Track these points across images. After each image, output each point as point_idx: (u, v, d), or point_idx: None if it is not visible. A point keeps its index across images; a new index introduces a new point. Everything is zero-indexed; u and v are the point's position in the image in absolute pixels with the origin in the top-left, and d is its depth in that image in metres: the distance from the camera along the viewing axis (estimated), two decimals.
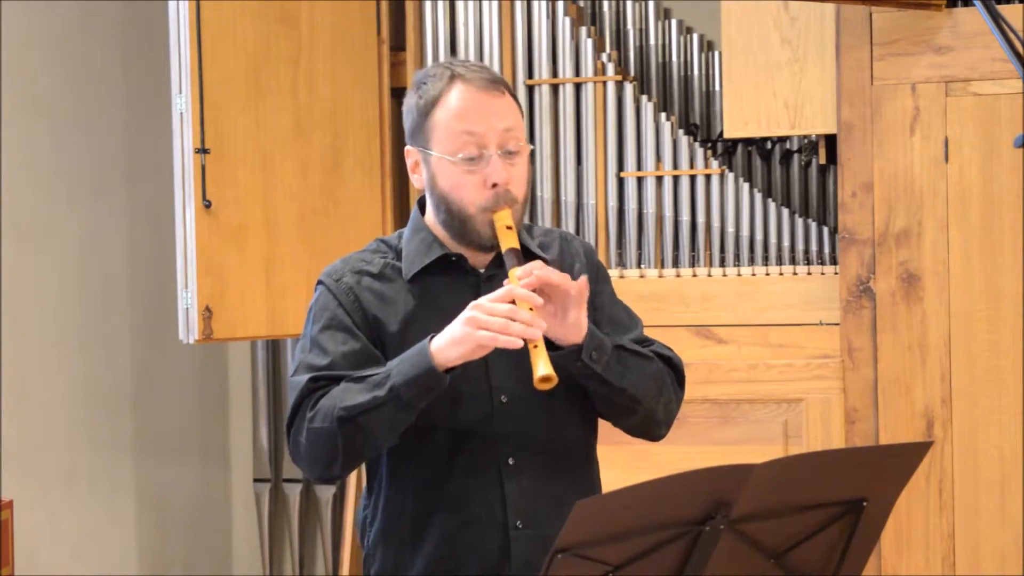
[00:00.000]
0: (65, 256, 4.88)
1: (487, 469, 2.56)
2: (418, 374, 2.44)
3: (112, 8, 5.05)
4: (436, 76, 2.58)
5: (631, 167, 4.71)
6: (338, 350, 2.56)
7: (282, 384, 5.37)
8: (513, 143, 2.55)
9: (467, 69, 2.58)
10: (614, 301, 2.74)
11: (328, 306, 2.60)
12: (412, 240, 2.64)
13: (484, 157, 2.53)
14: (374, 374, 2.48)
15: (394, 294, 2.60)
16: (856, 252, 4.37)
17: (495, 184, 2.52)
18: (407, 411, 2.47)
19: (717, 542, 2.17)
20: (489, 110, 2.54)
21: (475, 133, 2.53)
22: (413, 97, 2.61)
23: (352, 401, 2.47)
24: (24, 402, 4.69)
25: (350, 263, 2.66)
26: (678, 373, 2.70)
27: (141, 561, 5.19)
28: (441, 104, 2.55)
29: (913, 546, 4.31)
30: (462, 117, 2.54)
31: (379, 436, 2.50)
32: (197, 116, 4.24)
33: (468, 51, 4.80)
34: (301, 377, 2.56)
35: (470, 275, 2.61)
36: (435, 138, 2.56)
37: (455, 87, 2.55)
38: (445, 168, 2.55)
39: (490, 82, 2.56)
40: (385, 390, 2.45)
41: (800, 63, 4.46)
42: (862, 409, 4.37)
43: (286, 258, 4.48)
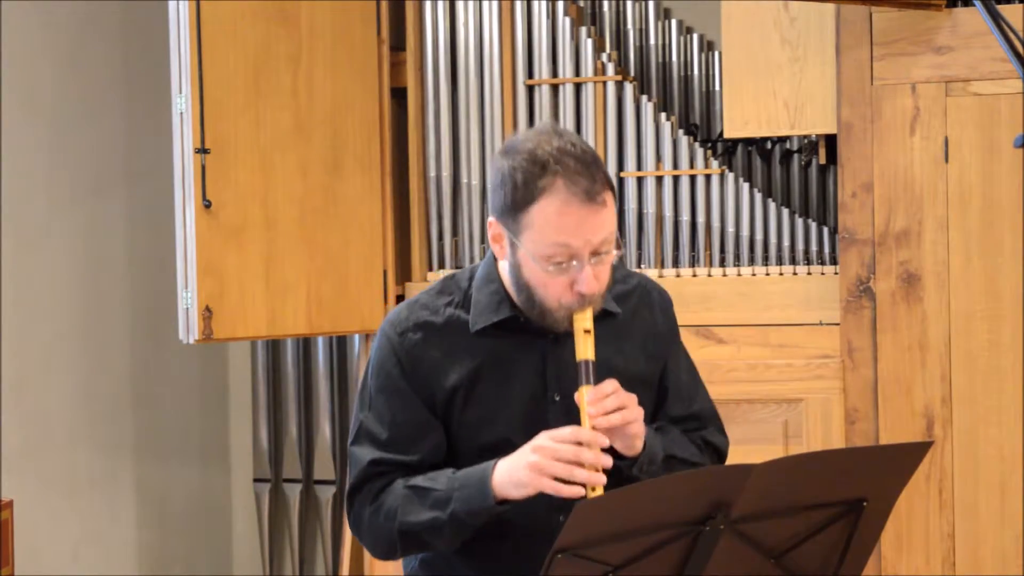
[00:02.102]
0: (65, 256, 4.88)
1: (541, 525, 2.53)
2: (479, 507, 2.45)
3: (112, 8, 5.05)
4: (538, 164, 2.43)
5: (631, 167, 4.71)
6: (396, 419, 2.55)
7: (282, 384, 5.36)
8: (605, 249, 2.46)
9: (568, 165, 2.41)
10: (682, 361, 2.71)
11: (386, 366, 2.57)
12: (483, 290, 2.58)
13: (575, 263, 2.45)
14: (435, 490, 2.48)
15: (459, 351, 2.56)
16: (856, 252, 4.37)
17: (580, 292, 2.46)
18: (467, 530, 2.50)
19: (717, 542, 2.17)
20: (588, 225, 2.42)
21: (570, 247, 2.43)
22: (507, 167, 2.46)
23: (413, 518, 2.49)
24: (24, 402, 4.69)
25: (415, 312, 2.58)
26: (722, 460, 2.70)
27: (141, 561, 5.19)
28: (539, 204, 2.42)
29: (913, 546, 4.31)
30: (559, 231, 2.42)
31: (438, 546, 2.55)
32: (197, 116, 4.24)
33: (468, 51, 4.80)
34: (363, 452, 2.56)
35: (537, 334, 2.56)
36: (527, 235, 2.45)
37: (559, 191, 2.41)
38: (531, 265, 2.47)
39: (593, 193, 2.41)
40: (447, 515, 2.47)
41: (800, 63, 4.46)
42: (862, 409, 4.37)
43: (286, 258, 4.48)
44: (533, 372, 2.55)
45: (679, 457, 2.59)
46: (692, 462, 2.62)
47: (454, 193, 4.81)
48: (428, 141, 4.85)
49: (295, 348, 5.33)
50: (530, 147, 2.45)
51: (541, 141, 2.46)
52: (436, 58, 4.83)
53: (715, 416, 2.73)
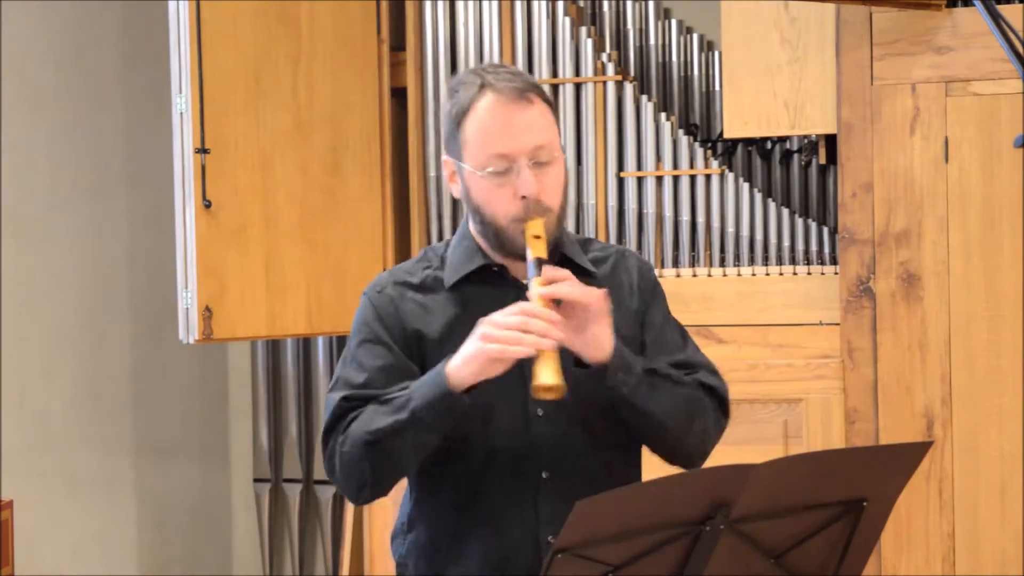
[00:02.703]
0: (65, 256, 4.88)
1: (521, 483, 2.55)
2: (436, 396, 2.43)
3: (112, 8, 5.05)
4: (467, 84, 2.54)
5: (631, 167, 4.71)
6: (374, 365, 2.55)
7: (282, 384, 5.37)
8: (544, 155, 2.51)
9: (498, 77, 2.52)
10: (667, 321, 2.70)
11: (367, 320, 2.59)
12: (457, 248, 2.63)
13: (514, 169, 2.49)
14: (397, 396, 2.48)
15: (435, 304, 2.59)
16: (856, 252, 4.37)
17: (524, 196, 2.49)
18: (430, 433, 2.47)
19: (717, 542, 2.17)
20: (518, 125, 2.49)
21: (503, 153, 2.49)
22: (447, 105, 2.57)
23: (376, 425, 2.47)
24: (24, 402, 4.69)
25: (394, 275, 2.64)
26: (722, 403, 2.65)
27: (141, 561, 5.19)
28: (470, 116, 2.51)
29: (913, 546, 4.31)
30: (490, 134, 2.49)
31: (404, 458, 2.51)
32: (197, 116, 4.24)
33: (468, 51, 4.80)
34: (335, 395, 2.56)
35: (511, 286, 2.58)
36: (466, 152, 2.53)
37: (484, 98, 2.50)
38: (476, 181, 2.52)
39: (520, 92, 2.50)
40: (407, 413, 2.45)
41: (800, 63, 4.46)
42: (862, 409, 4.37)
43: (286, 258, 4.48)
44: None
45: (662, 373, 2.54)
46: (681, 382, 2.57)
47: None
48: (428, 141, 4.85)
49: (295, 348, 5.33)
50: (465, 75, 2.57)
51: (474, 69, 2.57)
52: (436, 58, 4.83)
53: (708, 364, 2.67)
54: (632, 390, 2.49)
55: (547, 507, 2.55)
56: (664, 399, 2.53)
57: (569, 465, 2.56)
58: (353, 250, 4.66)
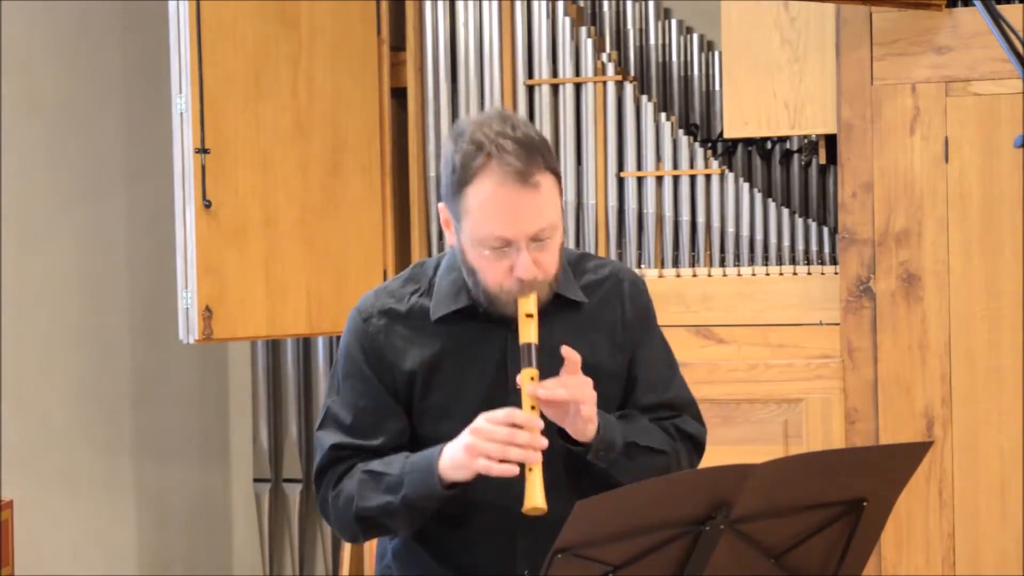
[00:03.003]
0: (65, 256, 4.88)
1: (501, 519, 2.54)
2: (427, 490, 2.48)
3: (112, 8, 5.05)
4: (473, 146, 2.42)
5: (631, 167, 4.71)
6: (359, 405, 2.58)
7: (282, 384, 5.36)
8: (546, 235, 2.46)
9: (503, 145, 2.40)
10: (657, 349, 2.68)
11: (351, 352, 2.60)
12: (445, 279, 2.59)
13: (512, 248, 2.44)
14: (388, 475, 2.51)
15: (420, 337, 2.57)
16: (856, 252, 4.37)
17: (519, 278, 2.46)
18: (420, 514, 2.53)
19: (717, 542, 2.17)
20: (522, 213, 2.41)
21: (503, 238, 2.43)
22: (448, 152, 2.48)
23: (367, 503, 2.53)
24: (24, 402, 4.69)
25: (380, 299, 2.61)
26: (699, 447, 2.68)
27: (141, 561, 5.19)
28: (473, 188, 2.42)
29: (913, 546, 4.31)
30: (492, 217, 2.42)
31: (399, 528, 2.60)
32: (197, 116, 4.24)
33: (468, 51, 4.80)
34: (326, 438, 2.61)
35: (498, 321, 2.55)
36: (466, 221, 2.46)
37: (489, 174, 2.41)
38: (473, 248, 2.48)
39: (525, 175, 2.40)
40: (398, 499, 2.50)
41: (800, 63, 4.46)
42: (862, 409, 4.37)
43: (286, 258, 4.48)
44: (493, 360, 2.56)
45: (642, 445, 2.55)
46: (659, 450, 2.58)
47: None
48: (428, 141, 4.85)
49: (295, 348, 5.33)
50: (471, 130, 2.46)
51: (483, 124, 2.46)
52: (436, 58, 4.83)
53: (691, 404, 2.69)
54: (611, 464, 2.52)
55: (524, 542, 2.56)
56: (640, 470, 2.54)
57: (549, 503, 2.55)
58: (353, 250, 4.66)
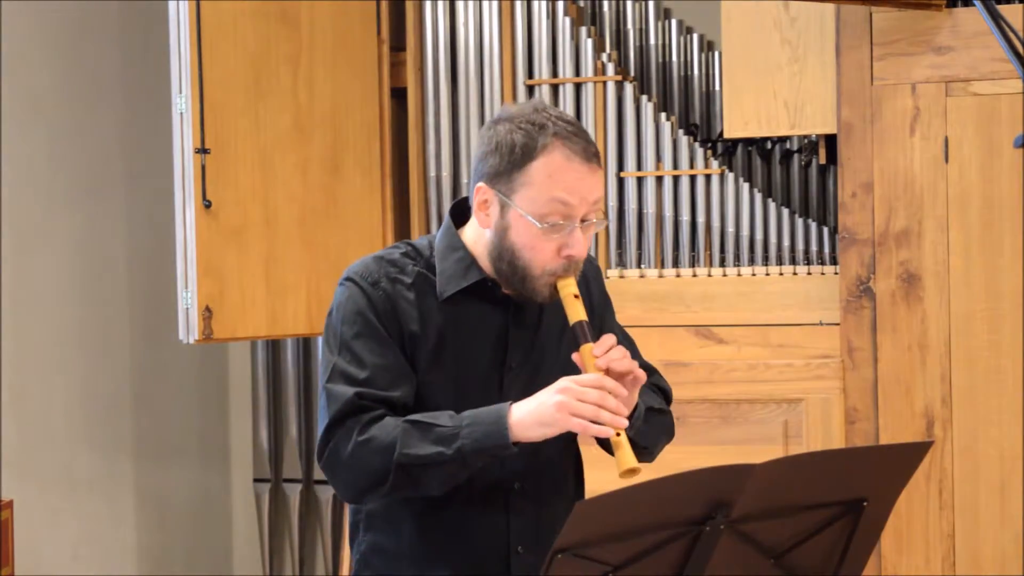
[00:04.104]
0: (64, 256, 4.88)
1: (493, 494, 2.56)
2: (492, 444, 2.43)
3: (112, 8, 5.05)
4: (535, 126, 2.48)
5: (631, 167, 4.71)
6: (375, 362, 2.51)
7: (282, 384, 5.36)
8: (596, 216, 2.51)
9: (569, 130, 2.49)
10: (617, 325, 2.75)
11: (361, 311, 2.53)
12: (448, 258, 2.58)
13: (567, 227, 2.48)
14: (440, 426, 2.45)
15: (428, 310, 2.55)
16: (856, 252, 4.37)
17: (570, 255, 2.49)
18: (467, 471, 2.46)
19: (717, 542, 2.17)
20: (587, 184, 2.48)
21: (569, 205, 2.47)
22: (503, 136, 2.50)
23: (415, 450, 2.44)
24: (24, 402, 4.69)
25: (384, 267, 2.56)
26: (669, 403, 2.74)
27: (141, 561, 5.19)
28: (541, 159, 2.47)
29: (913, 546, 4.31)
30: (562, 186, 2.46)
31: (430, 488, 2.49)
32: (197, 116, 4.24)
33: (468, 51, 4.80)
34: (343, 388, 2.49)
35: (501, 302, 2.57)
36: (523, 193, 2.48)
37: (559, 149, 2.47)
38: (524, 225, 2.49)
39: (591, 153, 2.49)
40: (452, 450, 2.43)
41: (800, 63, 4.46)
42: (862, 409, 4.37)
43: (286, 258, 4.48)
44: (493, 339, 2.56)
45: (655, 408, 2.62)
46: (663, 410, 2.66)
47: (454, 193, 4.81)
48: (428, 141, 4.85)
49: (295, 348, 5.33)
50: (526, 112, 2.52)
51: (536, 108, 2.53)
52: (436, 58, 4.83)
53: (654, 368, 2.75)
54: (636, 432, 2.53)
55: (518, 517, 2.56)
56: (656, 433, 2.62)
57: (540, 476, 2.58)
58: (353, 250, 4.66)
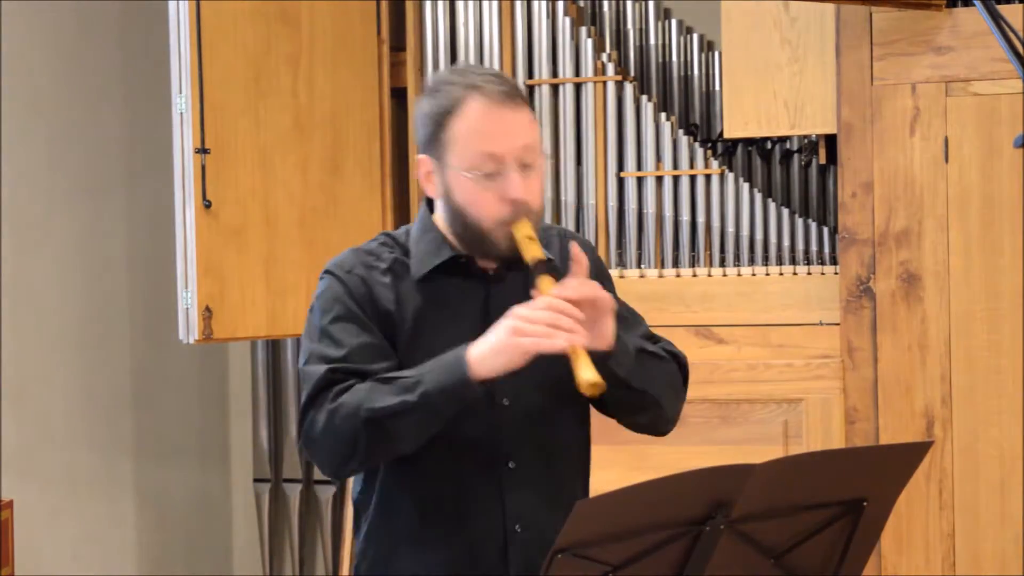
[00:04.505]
0: (65, 256, 4.88)
1: (487, 473, 2.55)
2: (453, 383, 2.41)
3: (112, 8, 5.05)
4: (452, 84, 2.52)
5: (631, 167, 4.71)
6: (352, 342, 2.51)
7: (282, 384, 5.36)
8: (531, 157, 2.51)
9: (484, 79, 2.51)
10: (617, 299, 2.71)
11: (339, 297, 2.55)
12: (422, 240, 2.61)
13: (502, 173, 2.49)
14: (404, 376, 2.45)
15: (404, 292, 2.57)
16: (856, 252, 4.37)
17: (513, 199, 2.49)
18: (436, 418, 2.44)
19: (717, 542, 2.17)
20: (508, 126, 2.49)
21: (494, 153, 2.48)
22: (427, 104, 2.55)
23: (380, 403, 2.43)
24: (24, 402, 4.69)
25: (359, 256, 2.60)
26: (684, 371, 2.69)
27: (141, 561, 5.19)
28: (458, 116, 2.50)
29: (913, 546, 4.31)
30: (481, 134, 2.48)
31: (403, 440, 2.47)
32: (197, 116, 4.24)
33: (468, 51, 4.80)
34: (317, 367, 2.50)
35: (478, 277, 2.59)
36: (452, 151, 2.51)
37: (473, 99, 2.49)
38: (462, 182, 2.51)
39: (508, 95, 2.50)
40: (416, 395, 2.42)
41: (800, 63, 4.46)
42: (862, 409, 4.37)
43: (286, 258, 4.48)
44: (476, 312, 2.56)
45: (649, 351, 2.59)
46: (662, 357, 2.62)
47: None
48: None
49: (295, 348, 5.33)
50: (443, 75, 2.59)
51: (456, 70, 2.60)
52: (436, 58, 4.83)
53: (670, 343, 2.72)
54: (628, 372, 2.50)
55: (513, 496, 2.55)
56: (654, 376, 2.57)
57: (534, 454, 2.57)
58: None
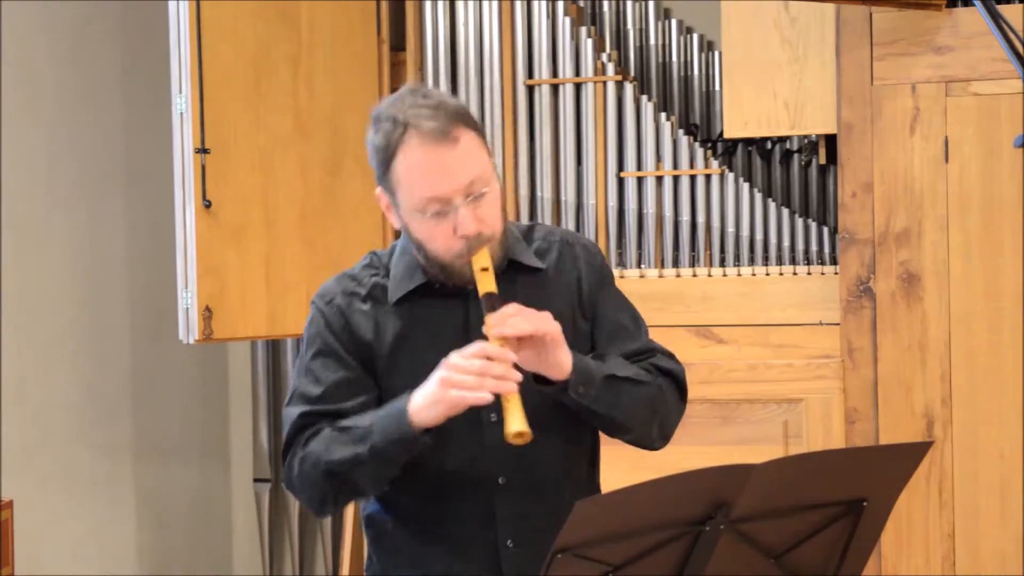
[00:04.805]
0: (65, 256, 4.88)
1: (478, 489, 2.56)
2: (398, 436, 2.45)
3: (112, 8, 5.05)
4: (391, 121, 2.50)
5: (631, 167, 4.71)
6: (329, 379, 2.56)
7: (282, 384, 5.37)
8: (479, 187, 2.48)
9: (419, 113, 2.47)
10: (619, 305, 2.69)
11: (320, 331, 2.59)
12: (399, 263, 2.62)
13: (449, 212, 2.47)
14: (356, 427, 2.49)
15: (382, 317, 2.58)
16: (856, 252, 4.37)
17: (463, 235, 2.47)
18: (389, 466, 2.49)
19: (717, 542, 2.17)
20: (448, 167, 2.45)
21: (438, 196, 2.46)
22: (371, 138, 2.55)
23: (335, 456, 2.49)
24: (24, 402, 4.69)
25: (341, 283, 2.63)
26: (680, 385, 2.66)
27: (141, 561, 5.19)
28: (398, 158, 2.49)
29: (913, 546, 4.31)
30: (422, 179, 2.46)
31: (364, 487, 2.55)
32: (197, 116, 4.24)
33: (468, 51, 4.80)
34: (293, 410, 2.57)
35: (456, 295, 2.57)
36: (399, 192, 2.51)
37: (408, 140, 2.47)
38: (414, 220, 2.51)
39: (442, 132, 2.45)
40: (366, 448, 2.46)
41: (800, 63, 4.46)
42: (862, 409, 4.37)
43: (286, 258, 4.48)
44: (454, 332, 2.55)
45: (621, 376, 2.54)
46: (640, 381, 2.57)
47: None
48: None
49: (295, 348, 5.33)
50: (386, 110, 2.54)
51: (395, 101, 2.53)
52: (436, 58, 4.83)
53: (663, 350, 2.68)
54: (593, 400, 2.50)
55: (504, 512, 2.56)
56: (625, 402, 2.54)
57: (525, 469, 2.56)
58: (353, 250, 4.65)
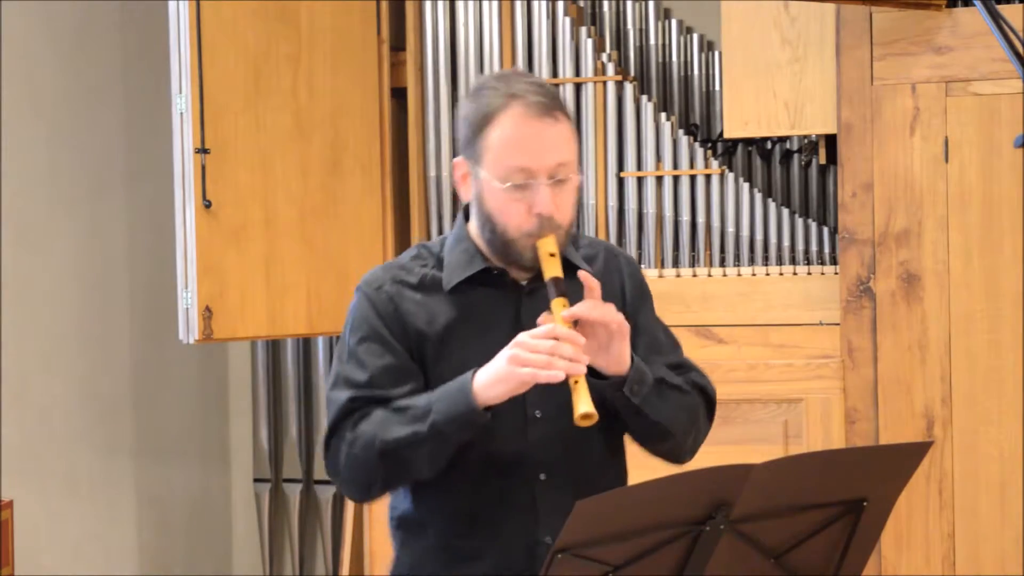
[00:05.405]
0: (65, 256, 4.88)
1: (520, 485, 2.56)
2: (460, 412, 2.44)
3: (112, 8, 5.05)
4: (493, 90, 2.51)
5: (631, 167, 4.71)
6: (376, 364, 2.54)
7: (282, 384, 5.36)
8: (564, 172, 2.50)
9: (526, 88, 2.50)
10: (655, 321, 2.72)
11: (367, 317, 2.57)
12: (455, 250, 2.61)
13: (532, 186, 2.48)
14: (414, 406, 2.48)
15: (435, 305, 2.58)
16: (856, 252, 4.37)
17: (539, 213, 2.49)
18: (447, 445, 2.48)
19: (717, 542, 2.17)
20: (544, 141, 2.48)
21: (526, 167, 2.48)
22: (468, 107, 2.55)
23: (393, 435, 2.47)
24: (24, 402, 4.69)
25: (390, 271, 2.62)
26: (710, 404, 2.69)
27: (141, 561, 5.19)
28: (495, 125, 2.49)
29: (913, 546, 4.31)
30: (515, 147, 2.48)
31: (420, 468, 2.52)
32: (197, 116, 4.24)
33: (468, 51, 4.80)
34: (340, 394, 2.55)
35: (511, 288, 2.58)
36: (486, 159, 2.51)
37: (511, 108, 2.48)
38: (493, 190, 2.51)
39: (547, 107, 2.49)
40: (426, 426, 2.45)
41: (800, 63, 4.46)
42: (862, 409, 4.37)
43: (286, 258, 4.48)
44: (508, 325, 2.56)
45: (670, 383, 2.58)
46: (685, 390, 2.61)
47: (454, 193, 4.81)
48: (428, 141, 4.85)
49: (295, 348, 5.33)
50: (489, 79, 2.57)
51: (502, 76, 2.57)
52: (436, 58, 4.83)
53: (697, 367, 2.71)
54: (643, 400, 2.52)
55: (545, 508, 2.56)
56: (670, 407, 2.57)
57: (566, 466, 2.57)
58: (353, 250, 4.66)
